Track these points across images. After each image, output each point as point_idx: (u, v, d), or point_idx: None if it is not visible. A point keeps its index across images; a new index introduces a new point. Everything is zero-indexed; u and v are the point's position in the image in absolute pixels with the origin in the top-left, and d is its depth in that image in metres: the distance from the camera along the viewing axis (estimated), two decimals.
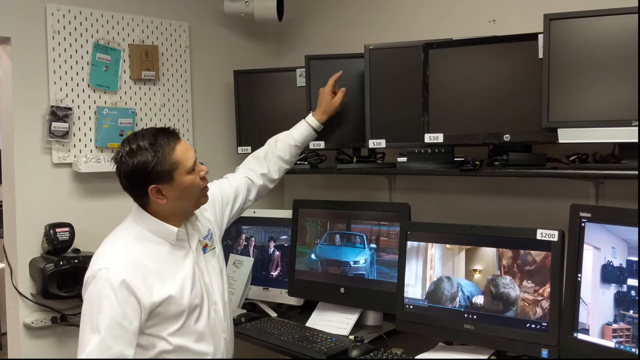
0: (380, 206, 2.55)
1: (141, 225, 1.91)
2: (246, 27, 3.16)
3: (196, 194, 1.93)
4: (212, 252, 2.08)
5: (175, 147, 1.86)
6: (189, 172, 1.88)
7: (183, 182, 1.87)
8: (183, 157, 1.87)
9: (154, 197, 1.85)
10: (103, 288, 1.75)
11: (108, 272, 1.77)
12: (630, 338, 1.70)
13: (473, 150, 2.22)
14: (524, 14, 2.24)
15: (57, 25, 2.56)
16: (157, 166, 1.82)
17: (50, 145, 2.55)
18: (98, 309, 1.74)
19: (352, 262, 2.51)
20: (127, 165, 1.84)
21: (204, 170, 1.95)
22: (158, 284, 1.83)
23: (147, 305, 1.79)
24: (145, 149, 1.83)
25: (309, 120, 2.43)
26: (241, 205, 2.31)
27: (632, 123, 1.75)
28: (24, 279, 2.51)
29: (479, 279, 2.07)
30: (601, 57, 1.82)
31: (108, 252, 1.87)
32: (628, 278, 1.73)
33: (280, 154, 2.39)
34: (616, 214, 1.81)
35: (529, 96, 1.99)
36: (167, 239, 1.91)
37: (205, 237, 2.06)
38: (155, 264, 1.86)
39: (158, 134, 1.87)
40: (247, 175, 2.35)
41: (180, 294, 1.86)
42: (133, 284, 1.77)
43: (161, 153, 1.83)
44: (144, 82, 2.82)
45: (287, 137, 2.41)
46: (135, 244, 1.88)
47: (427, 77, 2.19)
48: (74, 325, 2.58)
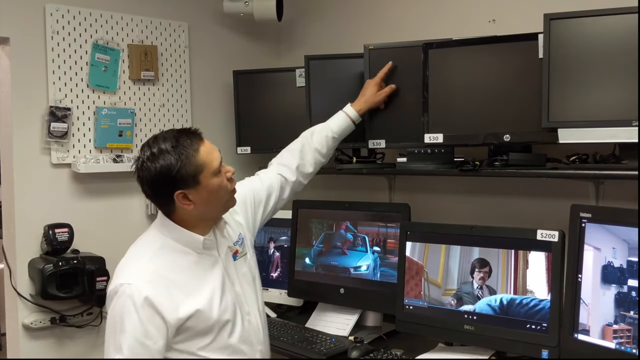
0: (380, 206, 2.55)
1: (166, 234, 1.78)
2: (245, 27, 3.16)
3: (224, 197, 1.80)
4: (243, 258, 1.93)
5: (199, 148, 1.73)
6: (216, 174, 1.75)
7: (210, 185, 1.73)
8: (208, 158, 1.74)
9: (180, 203, 1.72)
10: (125, 305, 1.64)
11: (130, 288, 1.64)
12: (631, 339, 1.70)
13: (473, 151, 2.22)
14: (524, 14, 2.23)
15: (56, 25, 2.56)
16: (181, 170, 1.68)
17: (49, 145, 2.55)
18: (120, 328, 1.64)
19: (352, 269, 2.51)
20: (149, 171, 1.70)
21: (230, 171, 1.82)
22: (184, 298, 1.70)
23: (173, 322, 1.67)
24: (167, 152, 1.69)
25: (347, 110, 2.29)
26: (274, 204, 2.16)
27: (633, 123, 1.74)
28: (23, 280, 2.50)
29: (479, 280, 2.07)
30: (601, 56, 1.82)
31: (131, 266, 1.74)
32: (629, 279, 1.73)
33: (317, 147, 2.24)
34: (616, 214, 1.81)
35: (528, 96, 1.99)
36: (194, 248, 1.78)
37: (235, 242, 1.92)
38: (181, 276, 1.73)
39: (180, 135, 1.73)
40: (280, 172, 2.20)
41: (209, 307, 1.74)
42: (157, 300, 1.64)
43: (185, 155, 1.69)
44: (143, 82, 2.81)
45: (324, 129, 2.27)
46: (159, 255, 1.75)
47: (427, 77, 2.18)
48: (73, 326, 2.58)
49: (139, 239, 1.84)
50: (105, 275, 2.55)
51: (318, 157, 2.25)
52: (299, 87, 2.74)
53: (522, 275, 1.99)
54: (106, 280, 2.54)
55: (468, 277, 2.09)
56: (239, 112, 2.96)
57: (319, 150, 2.25)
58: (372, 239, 2.47)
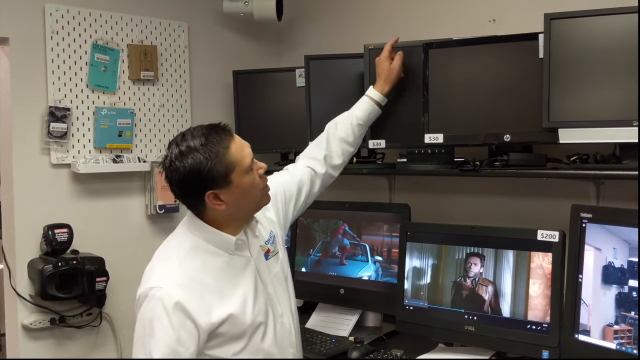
0: (380, 207, 2.54)
1: (196, 234, 1.70)
2: (245, 27, 3.15)
3: (257, 195, 1.72)
4: (275, 257, 1.85)
5: (229, 146, 1.63)
6: (247, 172, 1.66)
7: (242, 184, 1.65)
8: (239, 156, 1.65)
9: (211, 203, 1.64)
10: (155, 310, 1.56)
11: (161, 292, 1.57)
12: (632, 339, 1.69)
13: (473, 151, 2.21)
14: (524, 14, 2.23)
15: (56, 25, 2.55)
16: (212, 169, 1.60)
17: (49, 145, 2.54)
18: (151, 334, 1.56)
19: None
20: (177, 171, 1.61)
21: (262, 167, 1.73)
22: (217, 302, 1.63)
23: (206, 327, 1.59)
24: (196, 150, 1.60)
25: (370, 93, 2.18)
26: (305, 199, 2.06)
27: (633, 123, 1.73)
28: (23, 280, 2.50)
29: (479, 280, 2.06)
30: (602, 56, 1.81)
31: (161, 268, 1.66)
32: (629, 279, 1.72)
33: (343, 135, 2.14)
34: (617, 215, 1.80)
35: (529, 96, 1.98)
36: (226, 249, 1.70)
37: (267, 241, 1.84)
38: (213, 279, 1.65)
39: (209, 132, 1.64)
40: (309, 165, 2.10)
41: (242, 311, 1.66)
42: (189, 305, 1.57)
43: (215, 153, 1.61)
44: (142, 83, 2.81)
45: (349, 117, 2.17)
46: (190, 256, 1.67)
47: (427, 77, 2.18)
48: (72, 327, 2.57)
49: (168, 239, 1.77)
50: (104, 275, 2.54)
51: (345, 147, 2.15)
52: (299, 87, 2.74)
53: (522, 275, 1.98)
54: (105, 280, 2.54)
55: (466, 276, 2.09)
56: (238, 112, 2.95)
57: (345, 139, 2.14)
58: (373, 248, 2.46)
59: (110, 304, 2.65)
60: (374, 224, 2.47)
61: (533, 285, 1.96)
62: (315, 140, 2.18)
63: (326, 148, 2.13)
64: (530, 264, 1.97)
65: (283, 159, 2.90)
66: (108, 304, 2.63)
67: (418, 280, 2.20)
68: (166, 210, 2.81)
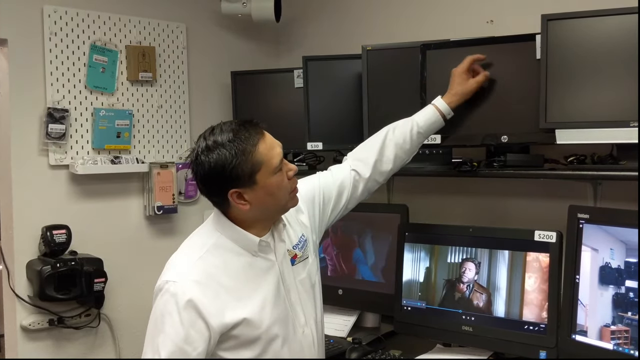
0: (378, 207, 2.54)
1: (220, 232, 1.65)
2: (243, 28, 3.15)
3: (283, 197, 1.64)
4: (304, 263, 1.76)
5: (257, 144, 1.57)
6: (275, 173, 1.60)
7: (268, 185, 1.59)
8: (267, 155, 1.58)
9: (235, 202, 1.59)
10: (167, 304, 1.52)
11: (175, 287, 1.53)
12: (629, 340, 1.70)
13: (471, 151, 2.22)
14: (522, 15, 2.23)
15: (54, 26, 2.55)
16: (237, 167, 1.54)
17: (47, 147, 2.54)
18: (161, 328, 1.52)
19: None
20: (202, 165, 1.57)
21: (292, 169, 1.65)
22: (233, 303, 1.57)
23: (217, 328, 1.53)
24: (222, 146, 1.55)
25: (437, 103, 2.02)
26: (345, 203, 1.93)
27: (630, 124, 1.74)
28: (21, 281, 2.50)
29: (477, 281, 2.07)
30: (599, 57, 1.81)
31: (180, 262, 1.62)
32: (626, 279, 1.73)
33: (399, 141, 1.97)
34: (614, 215, 1.81)
35: (526, 97, 1.98)
36: (249, 249, 1.64)
37: (295, 246, 1.75)
38: (231, 279, 1.60)
39: (239, 128, 1.58)
40: (355, 168, 1.95)
41: (259, 317, 1.59)
42: (201, 303, 1.52)
43: (241, 151, 1.55)
44: (141, 84, 2.81)
45: (409, 122, 1.99)
46: (212, 253, 1.61)
47: (425, 78, 2.18)
48: (71, 328, 2.58)
49: (192, 235, 1.72)
50: (103, 276, 2.54)
51: (399, 153, 1.97)
52: (297, 87, 2.74)
53: (519, 276, 1.99)
54: (104, 281, 2.54)
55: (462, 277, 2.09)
56: (237, 113, 2.95)
57: (401, 145, 1.97)
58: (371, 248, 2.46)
59: (109, 304, 2.65)
60: (372, 225, 2.47)
61: (530, 286, 1.96)
62: (368, 142, 2.02)
63: (379, 152, 1.97)
64: (528, 264, 1.97)
65: None
66: (106, 305, 2.64)
67: (416, 281, 2.20)
68: (164, 211, 2.81)
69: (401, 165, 2.02)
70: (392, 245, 2.35)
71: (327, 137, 2.55)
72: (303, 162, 2.75)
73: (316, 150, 2.60)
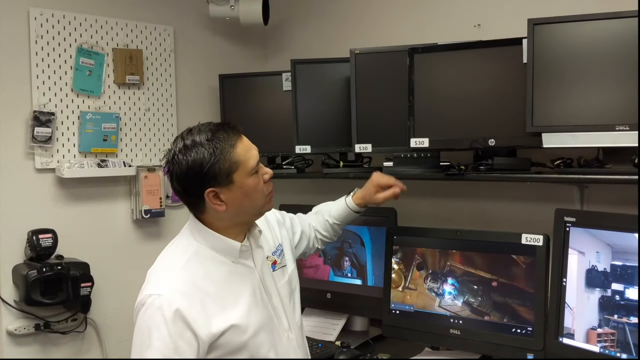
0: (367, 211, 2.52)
1: (199, 240, 1.65)
2: (231, 31, 3.15)
3: (259, 200, 1.66)
4: (283, 269, 1.81)
5: (236, 144, 1.60)
6: (251, 174, 1.62)
7: (245, 185, 1.61)
8: (245, 156, 1.61)
9: (211, 203, 1.59)
10: (153, 318, 1.50)
11: (160, 300, 1.51)
12: (615, 343, 1.71)
13: (458, 155, 2.22)
14: (509, 19, 2.24)
15: (40, 29, 2.53)
16: (214, 166, 1.56)
17: (33, 150, 2.52)
18: (148, 343, 1.50)
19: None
20: (180, 165, 1.57)
21: (268, 173, 1.68)
22: (219, 311, 1.57)
23: (206, 338, 1.53)
24: (201, 145, 1.57)
25: (347, 201, 2.10)
26: (305, 247, 2.03)
27: (616, 128, 1.75)
28: (7, 286, 2.47)
29: (464, 284, 2.07)
30: (585, 62, 1.83)
31: (161, 275, 1.60)
32: (612, 282, 1.74)
33: (319, 229, 2.09)
34: (600, 219, 1.82)
35: (513, 101, 2.00)
36: (229, 256, 1.65)
37: (274, 252, 1.80)
38: (215, 287, 1.60)
39: (217, 129, 1.61)
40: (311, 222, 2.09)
41: (245, 322, 1.60)
42: (189, 314, 1.51)
43: (219, 150, 1.57)
44: (128, 87, 2.79)
45: (327, 214, 2.10)
46: (193, 262, 1.61)
47: (413, 82, 2.19)
48: (57, 333, 2.55)
49: (169, 245, 1.71)
50: (89, 280, 2.52)
51: (324, 239, 2.10)
52: (286, 91, 2.74)
53: (507, 279, 1.99)
54: (90, 286, 2.52)
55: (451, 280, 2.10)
56: (225, 116, 2.94)
57: (321, 232, 2.09)
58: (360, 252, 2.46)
59: (96, 309, 2.63)
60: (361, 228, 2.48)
61: (518, 289, 1.97)
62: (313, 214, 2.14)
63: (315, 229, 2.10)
64: (515, 267, 1.98)
65: (270, 163, 2.89)
66: (93, 310, 2.61)
67: (404, 284, 2.20)
68: (152, 215, 2.80)
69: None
70: (381, 248, 2.34)
71: (316, 141, 2.55)
72: (291, 165, 2.75)
73: (305, 153, 2.60)
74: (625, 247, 1.73)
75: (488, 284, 2.03)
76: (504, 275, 2.00)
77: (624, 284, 1.71)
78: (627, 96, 1.75)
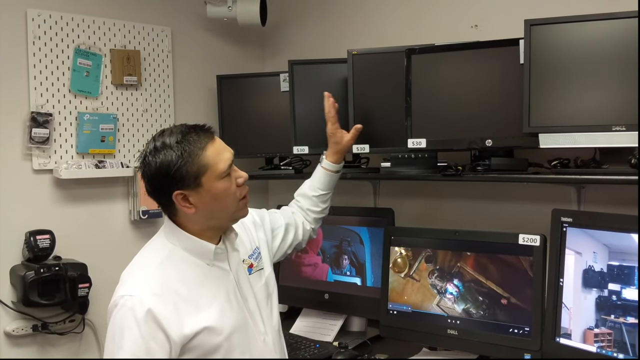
0: (365, 211, 2.55)
1: (174, 242, 1.64)
2: (229, 32, 3.15)
3: (231, 204, 1.63)
4: (260, 272, 1.80)
5: (206, 147, 1.58)
6: (222, 178, 1.59)
7: (214, 189, 1.58)
8: (214, 159, 1.58)
9: (180, 205, 1.59)
10: (125, 319, 1.49)
11: (132, 301, 1.50)
12: (612, 343, 1.71)
13: (456, 155, 2.23)
14: (506, 20, 2.25)
15: (38, 30, 2.53)
16: (182, 168, 1.55)
17: (31, 151, 2.52)
18: (119, 344, 1.49)
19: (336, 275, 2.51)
20: (149, 166, 1.58)
21: (242, 176, 1.65)
22: (192, 313, 1.55)
23: (178, 340, 1.51)
24: (170, 147, 1.56)
25: (324, 164, 2.18)
26: (294, 237, 2.06)
27: (612, 128, 1.76)
28: (5, 287, 2.47)
29: (462, 284, 2.08)
30: (581, 62, 1.83)
31: (134, 276, 1.60)
32: (609, 283, 1.74)
33: (311, 207, 2.16)
34: (597, 219, 1.82)
35: (511, 101, 2.00)
36: (204, 258, 1.64)
37: (250, 256, 1.80)
38: (189, 289, 1.58)
39: (189, 131, 1.59)
40: (294, 212, 2.14)
41: (219, 324, 1.59)
42: (161, 314, 1.49)
43: (188, 152, 1.55)
44: (125, 88, 2.79)
45: (309, 190, 2.16)
46: (166, 265, 1.60)
47: (410, 83, 2.19)
48: (55, 334, 2.55)
49: (145, 247, 1.71)
50: (87, 281, 2.52)
51: (317, 215, 2.16)
52: (283, 91, 2.74)
53: (504, 279, 1.99)
54: (88, 287, 2.52)
55: (450, 281, 2.10)
56: (222, 117, 2.95)
57: (312, 209, 2.15)
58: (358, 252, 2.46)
59: (93, 310, 2.62)
60: (358, 229, 2.48)
61: (514, 289, 1.97)
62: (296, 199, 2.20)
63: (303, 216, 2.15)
64: (512, 267, 1.98)
65: (268, 164, 2.90)
66: (91, 311, 2.61)
67: (402, 285, 2.21)
68: (150, 216, 2.80)
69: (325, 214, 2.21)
70: (378, 248, 2.35)
71: (313, 141, 2.55)
72: (289, 165, 2.75)
73: (302, 154, 2.60)
74: (622, 248, 1.73)
75: (485, 285, 2.02)
76: (501, 276, 2.00)
77: (621, 284, 1.72)
78: (623, 97, 1.75)
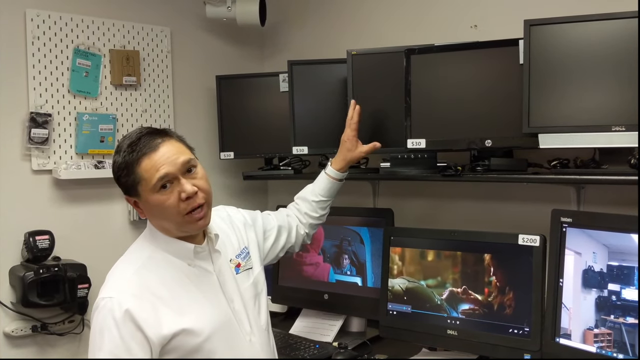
0: (364, 211, 2.55)
1: (154, 244, 1.64)
2: (228, 32, 3.15)
3: (172, 218, 1.58)
4: (247, 272, 1.78)
5: (141, 159, 1.54)
6: (157, 191, 1.54)
7: (150, 200, 1.56)
8: (147, 173, 1.54)
9: (134, 208, 1.63)
10: (105, 320, 1.50)
11: (112, 302, 1.50)
12: (612, 343, 1.71)
13: (455, 156, 2.23)
14: (505, 20, 2.24)
15: (37, 30, 2.53)
16: (122, 177, 1.57)
17: (30, 152, 2.52)
18: (99, 345, 1.50)
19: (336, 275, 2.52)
20: (112, 166, 1.62)
21: (185, 191, 1.55)
22: (171, 314, 1.54)
23: (157, 340, 1.50)
24: (118, 152, 1.58)
25: (328, 171, 2.14)
26: (286, 240, 2.04)
27: (612, 128, 1.76)
28: (4, 288, 2.47)
29: (461, 284, 2.07)
30: (581, 62, 1.83)
31: (114, 279, 1.59)
32: (609, 283, 1.74)
33: (309, 212, 2.13)
34: (597, 219, 1.82)
35: (510, 101, 2.00)
36: (185, 258, 1.63)
37: (238, 255, 1.78)
38: (169, 291, 1.57)
39: (139, 138, 1.56)
40: (289, 214, 2.11)
41: (199, 326, 1.57)
42: (139, 315, 1.49)
43: (125, 163, 1.55)
44: (125, 88, 2.79)
45: (310, 194, 2.14)
46: (147, 266, 1.59)
47: (410, 83, 2.19)
48: (54, 334, 2.55)
49: (128, 249, 1.70)
50: (86, 282, 2.52)
51: (313, 221, 2.14)
52: (283, 92, 2.74)
53: (503, 279, 1.99)
54: (87, 287, 2.52)
55: (449, 281, 2.10)
56: (222, 117, 2.95)
57: (309, 214, 2.13)
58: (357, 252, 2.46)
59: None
60: (358, 229, 2.48)
61: (514, 290, 1.97)
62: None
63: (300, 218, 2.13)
64: (511, 268, 1.98)
65: (267, 164, 2.90)
66: (90, 311, 2.61)
67: (401, 285, 2.21)
68: None
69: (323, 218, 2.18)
70: (379, 248, 2.35)
71: (313, 141, 2.55)
72: (289, 166, 2.76)
73: (302, 154, 2.60)
74: (622, 248, 1.73)
75: (484, 285, 2.02)
76: (501, 276, 2.00)
77: (621, 284, 1.72)
78: (623, 97, 1.75)
